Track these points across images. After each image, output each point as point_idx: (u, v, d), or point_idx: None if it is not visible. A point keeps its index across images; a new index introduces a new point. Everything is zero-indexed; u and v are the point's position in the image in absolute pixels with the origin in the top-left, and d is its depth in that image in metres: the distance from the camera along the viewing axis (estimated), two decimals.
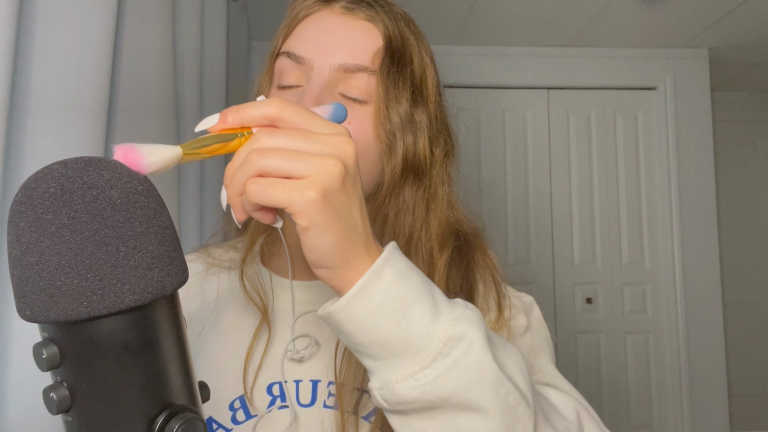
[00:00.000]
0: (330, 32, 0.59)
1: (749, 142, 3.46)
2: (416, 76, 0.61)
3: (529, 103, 2.98)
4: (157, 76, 1.01)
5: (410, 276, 0.40)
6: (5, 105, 0.58)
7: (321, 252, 0.38)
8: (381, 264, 0.39)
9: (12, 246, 0.30)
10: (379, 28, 0.60)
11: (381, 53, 0.58)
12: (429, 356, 0.39)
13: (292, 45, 0.60)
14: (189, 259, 0.69)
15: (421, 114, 0.61)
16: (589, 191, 2.94)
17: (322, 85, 0.56)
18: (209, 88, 1.47)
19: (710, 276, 2.85)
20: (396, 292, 0.39)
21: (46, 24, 0.69)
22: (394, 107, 0.58)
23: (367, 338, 0.39)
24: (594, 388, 2.83)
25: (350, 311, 0.39)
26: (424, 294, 0.40)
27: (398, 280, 0.39)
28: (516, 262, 2.88)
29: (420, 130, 0.60)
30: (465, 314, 0.41)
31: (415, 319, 0.39)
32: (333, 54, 0.57)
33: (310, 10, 0.61)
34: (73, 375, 0.30)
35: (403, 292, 0.39)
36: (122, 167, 0.32)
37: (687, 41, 2.85)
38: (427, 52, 0.64)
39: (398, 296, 0.39)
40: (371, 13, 0.60)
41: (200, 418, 0.32)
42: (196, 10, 1.29)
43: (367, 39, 0.59)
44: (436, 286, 0.43)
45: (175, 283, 0.32)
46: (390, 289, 0.39)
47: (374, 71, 0.58)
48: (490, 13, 2.57)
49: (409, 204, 0.60)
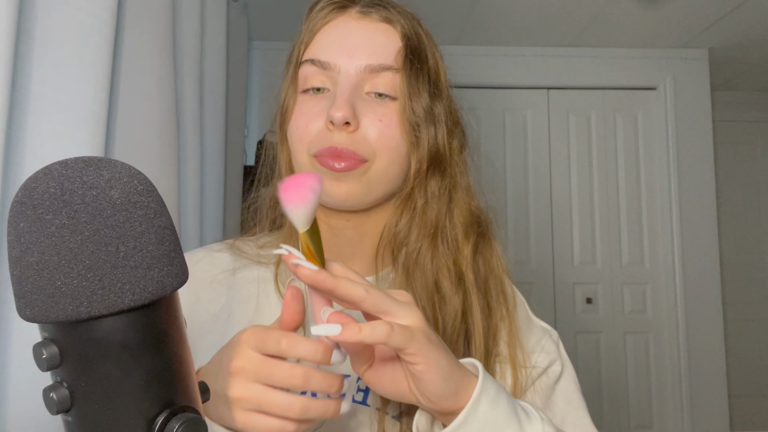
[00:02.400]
0: (351, 36, 0.62)
1: (749, 142, 3.46)
2: (432, 71, 0.65)
3: (529, 103, 2.97)
4: (157, 77, 1.01)
5: (500, 400, 0.47)
6: (5, 105, 0.58)
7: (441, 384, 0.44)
8: (478, 395, 0.45)
9: (12, 246, 0.30)
10: (396, 28, 0.63)
11: (402, 52, 0.62)
12: None
13: (315, 52, 0.62)
14: (216, 249, 0.69)
15: (439, 107, 0.65)
16: (589, 191, 2.94)
17: (351, 86, 0.59)
18: (209, 88, 1.47)
19: (710, 276, 2.85)
20: (490, 420, 0.46)
21: (46, 24, 0.69)
22: (417, 101, 0.61)
23: None
24: (594, 388, 2.83)
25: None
26: (512, 416, 0.47)
27: (492, 409, 0.46)
28: (516, 262, 2.88)
29: (439, 122, 0.64)
30: (545, 421, 0.48)
31: None
32: (358, 56, 0.60)
33: (327, 18, 0.64)
34: (73, 375, 0.30)
35: (496, 419, 0.46)
36: (122, 167, 0.32)
37: (687, 41, 2.85)
38: (437, 48, 0.68)
39: (492, 423, 0.46)
40: (386, 14, 0.63)
41: (200, 418, 0.32)
42: (196, 10, 1.29)
43: (387, 39, 0.62)
44: (517, 402, 0.49)
45: (175, 283, 0.32)
46: (485, 417, 0.45)
47: (398, 69, 0.61)
48: (490, 13, 2.57)
49: (435, 194, 0.64)
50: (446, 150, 0.64)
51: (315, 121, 0.60)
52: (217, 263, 0.67)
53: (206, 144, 1.45)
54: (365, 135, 0.59)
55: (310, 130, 0.60)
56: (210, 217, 1.45)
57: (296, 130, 0.62)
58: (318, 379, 0.44)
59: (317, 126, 0.60)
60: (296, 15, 0.69)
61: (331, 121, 0.58)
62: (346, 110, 0.57)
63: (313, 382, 0.43)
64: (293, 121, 0.62)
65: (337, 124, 0.58)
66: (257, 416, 0.43)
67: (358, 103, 0.59)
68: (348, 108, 0.57)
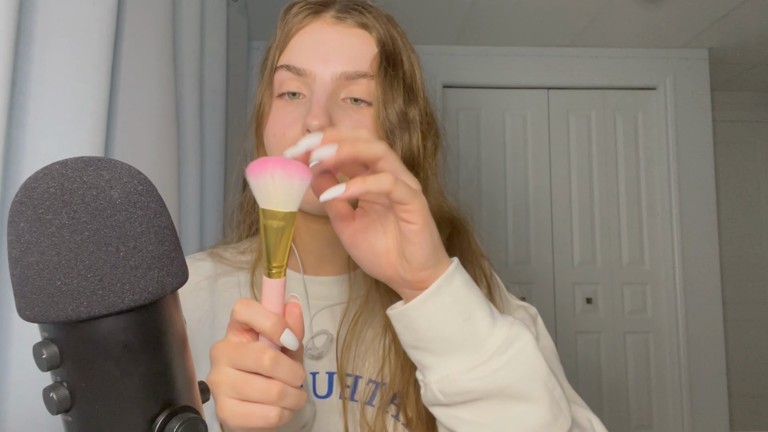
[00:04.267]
0: (326, 42, 0.61)
1: (749, 142, 3.46)
2: (407, 75, 0.65)
3: (529, 104, 2.97)
4: (157, 76, 1.01)
5: (473, 285, 0.48)
6: (5, 105, 0.58)
7: (429, 250, 0.45)
8: (452, 271, 0.46)
9: (12, 246, 0.30)
10: (372, 34, 0.63)
11: (377, 58, 0.62)
12: (488, 353, 0.46)
13: (290, 58, 0.62)
14: (198, 258, 0.70)
15: (414, 110, 0.64)
16: (589, 191, 2.94)
17: (327, 94, 0.59)
18: (209, 88, 1.47)
19: (710, 276, 2.85)
20: (464, 295, 0.46)
21: (46, 24, 0.69)
22: (392, 108, 0.61)
23: (435, 333, 0.46)
24: (594, 388, 2.83)
25: (424, 308, 0.46)
26: (484, 301, 0.48)
27: (465, 287, 0.47)
28: (516, 262, 2.88)
29: (414, 126, 0.64)
30: (517, 321, 0.48)
31: (478, 320, 0.46)
32: (333, 63, 0.60)
33: (302, 23, 0.64)
34: (73, 375, 0.30)
35: (469, 297, 0.46)
36: (122, 167, 0.32)
37: (687, 41, 2.85)
38: (412, 49, 0.68)
39: (465, 299, 0.46)
40: (361, 19, 0.63)
41: (200, 418, 0.32)
42: (196, 10, 1.29)
43: (363, 45, 0.62)
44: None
45: (175, 283, 0.32)
46: (459, 292, 0.46)
47: (373, 76, 0.61)
48: (490, 13, 2.57)
49: None
50: (419, 154, 0.64)
51: (291, 129, 0.60)
52: (200, 271, 0.69)
53: (206, 144, 1.45)
54: None
55: (287, 138, 0.60)
56: (210, 217, 1.45)
57: (272, 136, 0.62)
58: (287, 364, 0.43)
59: (294, 133, 0.60)
60: None
61: (307, 129, 0.58)
62: (322, 118, 0.57)
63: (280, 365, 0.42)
64: (269, 127, 0.62)
65: (314, 132, 0.58)
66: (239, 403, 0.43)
67: (334, 110, 0.59)
68: (324, 116, 0.57)
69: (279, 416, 0.43)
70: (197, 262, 0.69)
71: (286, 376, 0.43)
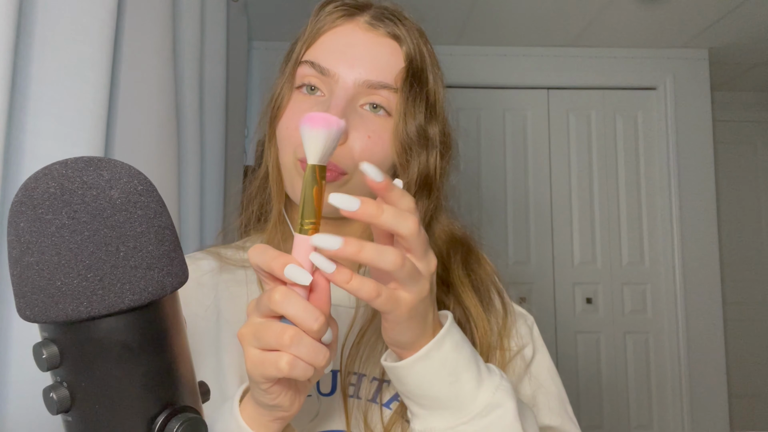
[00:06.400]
0: (355, 47, 0.61)
1: (749, 142, 3.46)
2: (431, 94, 0.65)
3: (529, 103, 2.97)
4: (157, 76, 1.01)
5: (463, 346, 0.48)
6: (5, 105, 0.58)
7: (397, 341, 0.46)
8: (443, 335, 0.47)
9: (12, 246, 0.30)
10: (402, 47, 0.62)
11: (403, 73, 0.61)
12: (470, 415, 0.47)
13: (317, 55, 0.62)
14: (198, 258, 0.70)
15: (434, 129, 0.64)
16: (589, 191, 2.94)
17: (347, 98, 0.59)
18: (209, 88, 1.47)
19: (710, 276, 2.85)
20: (452, 359, 0.47)
21: (46, 24, 0.69)
22: (412, 122, 0.61)
23: (422, 392, 0.47)
24: (594, 388, 2.83)
25: (413, 369, 0.47)
26: (472, 363, 0.48)
27: (454, 350, 0.47)
28: (516, 262, 2.88)
29: (433, 145, 0.64)
30: (503, 385, 0.49)
31: (463, 383, 0.47)
32: (358, 69, 0.60)
33: (334, 23, 0.63)
34: (73, 375, 0.30)
35: (457, 360, 0.47)
36: (122, 167, 0.32)
37: (687, 41, 2.85)
38: (438, 67, 0.67)
39: (453, 363, 0.47)
40: (394, 30, 0.63)
41: (200, 418, 0.32)
42: (196, 10, 1.29)
43: (391, 57, 0.62)
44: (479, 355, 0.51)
45: (175, 283, 0.32)
46: (447, 356, 0.47)
47: (396, 89, 0.61)
48: (490, 13, 2.57)
49: (421, 215, 0.63)
50: (435, 173, 0.64)
51: None
52: (202, 267, 0.68)
53: (206, 144, 1.45)
54: (351, 148, 0.59)
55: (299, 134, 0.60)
56: (210, 217, 1.45)
57: (286, 129, 0.62)
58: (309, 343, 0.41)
59: None
60: (296, 15, 0.69)
61: None
62: None
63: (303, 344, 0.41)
64: (284, 119, 0.62)
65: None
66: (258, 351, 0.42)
67: (350, 116, 0.59)
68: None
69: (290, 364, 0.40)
70: (198, 261, 0.69)
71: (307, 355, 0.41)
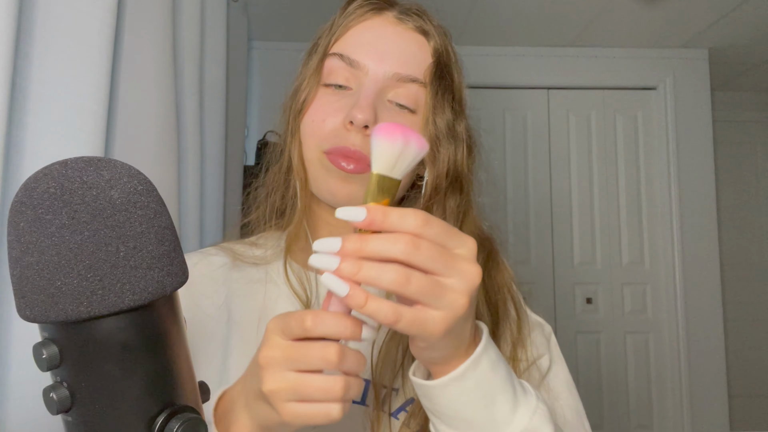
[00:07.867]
0: (385, 40, 0.61)
1: (749, 142, 3.46)
2: (456, 89, 0.65)
3: (529, 103, 2.97)
4: (157, 77, 1.01)
5: (499, 365, 0.45)
6: (5, 105, 0.58)
7: (430, 357, 0.43)
8: (480, 353, 0.43)
9: (12, 246, 0.30)
10: (429, 42, 0.63)
11: (431, 68, 0.62)
12: None
13: (345, 48, 0.62)
14: (211, 253, 0.69)
15: (461, 125, 0.64)
16: (589, 191, 2.94)
17: (377, 90, 0.59)
18: (209, 88, 1.47)
19: (710, 276, 2.85)
20: (488, 380, 0.44)
21: (46, 24, 0.69)
22: (441, 116, 0.61)
23: (453, 413, 0.44)
24: (594, 388, 2.83)
25: (446, 389, 0.43)
26: (508, 383, 0.45)
27: (491, 370, 0.44)
28: (516, 262, 2.88)
29: (460, 140, 0.64)
30: (540, 409, 0.46)
31: (499, 406, 0.44)
32: (388, 62, 0.60)
33: (363, 17, 0.63)
34: (73, 375, 0.30)
35: (493, 381, 0.44)
36: (122, 167, 0.32)
37: (687, 41, 2.85)
38: (461, 64, 0.68)
39: (489, 384, 0.44)
40: (422, 25, 0.63)
41: (200, 418, 0.32)
42: (196, 10, 1.29)
43: (419, 51, 0.62)
44: (513, 373, 0.48)
45: (175, 283, 0.32)
46: (484, 377, 0.44)
47: (424, 83, 0.61)
48: (490, 13, 2.57)
49: (453, 212, 0.64)
50: (465, 169, 0.64)
51: (332, 118, 0.59)
52: (214, 261, 0.67)
53: (206, 144, 1.45)
54: None
55: (326, 126, 0.60)
56: (210, 217, 1.45)
57: (311, 122, 0.61)
58: (352, 354, 0.40)
59: (334, 123, 0.59)
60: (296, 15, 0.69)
61: (351, 121, 0.57)
62: (369, 113, 0.56)
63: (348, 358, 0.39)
64: (310, 113, 0.62)
65: (357, 125, 0.57)
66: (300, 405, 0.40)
67: (380, 108, 0.59)
68: (371, 111, 0.57)
69: (343, 410, 0.40)
70: (210, 256, 0.68)
71: (353, 366, 0.40)
